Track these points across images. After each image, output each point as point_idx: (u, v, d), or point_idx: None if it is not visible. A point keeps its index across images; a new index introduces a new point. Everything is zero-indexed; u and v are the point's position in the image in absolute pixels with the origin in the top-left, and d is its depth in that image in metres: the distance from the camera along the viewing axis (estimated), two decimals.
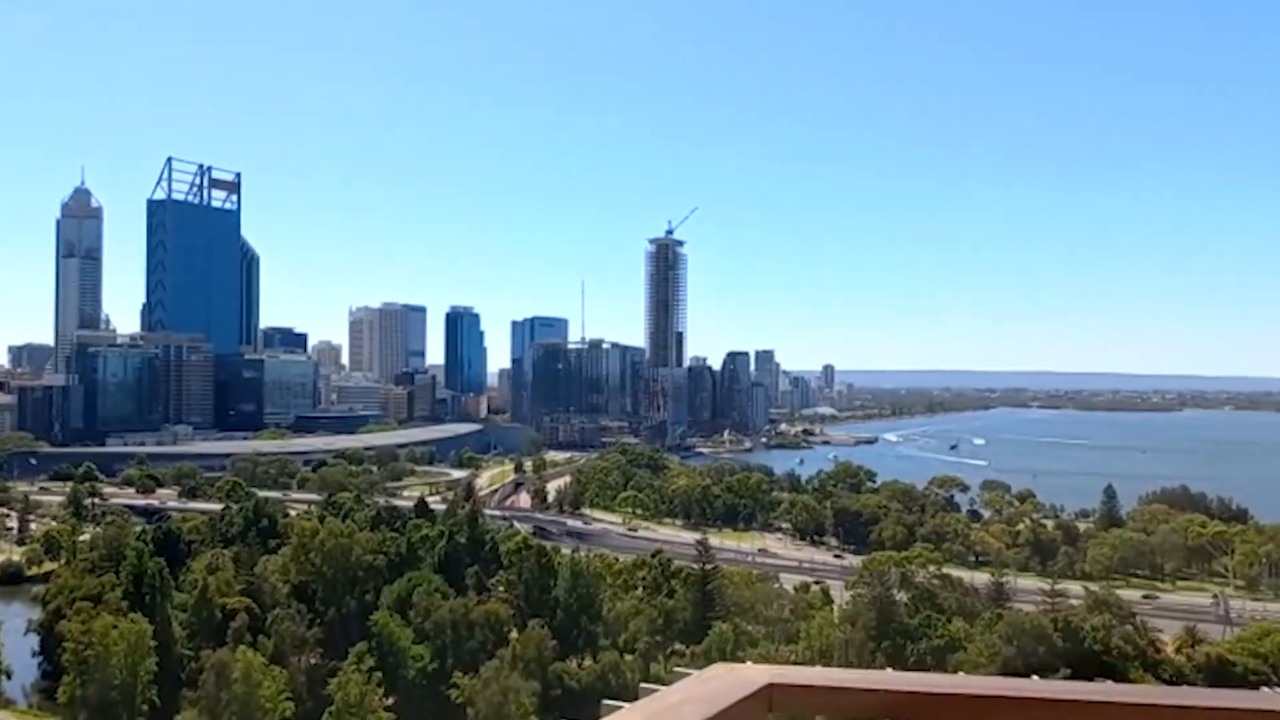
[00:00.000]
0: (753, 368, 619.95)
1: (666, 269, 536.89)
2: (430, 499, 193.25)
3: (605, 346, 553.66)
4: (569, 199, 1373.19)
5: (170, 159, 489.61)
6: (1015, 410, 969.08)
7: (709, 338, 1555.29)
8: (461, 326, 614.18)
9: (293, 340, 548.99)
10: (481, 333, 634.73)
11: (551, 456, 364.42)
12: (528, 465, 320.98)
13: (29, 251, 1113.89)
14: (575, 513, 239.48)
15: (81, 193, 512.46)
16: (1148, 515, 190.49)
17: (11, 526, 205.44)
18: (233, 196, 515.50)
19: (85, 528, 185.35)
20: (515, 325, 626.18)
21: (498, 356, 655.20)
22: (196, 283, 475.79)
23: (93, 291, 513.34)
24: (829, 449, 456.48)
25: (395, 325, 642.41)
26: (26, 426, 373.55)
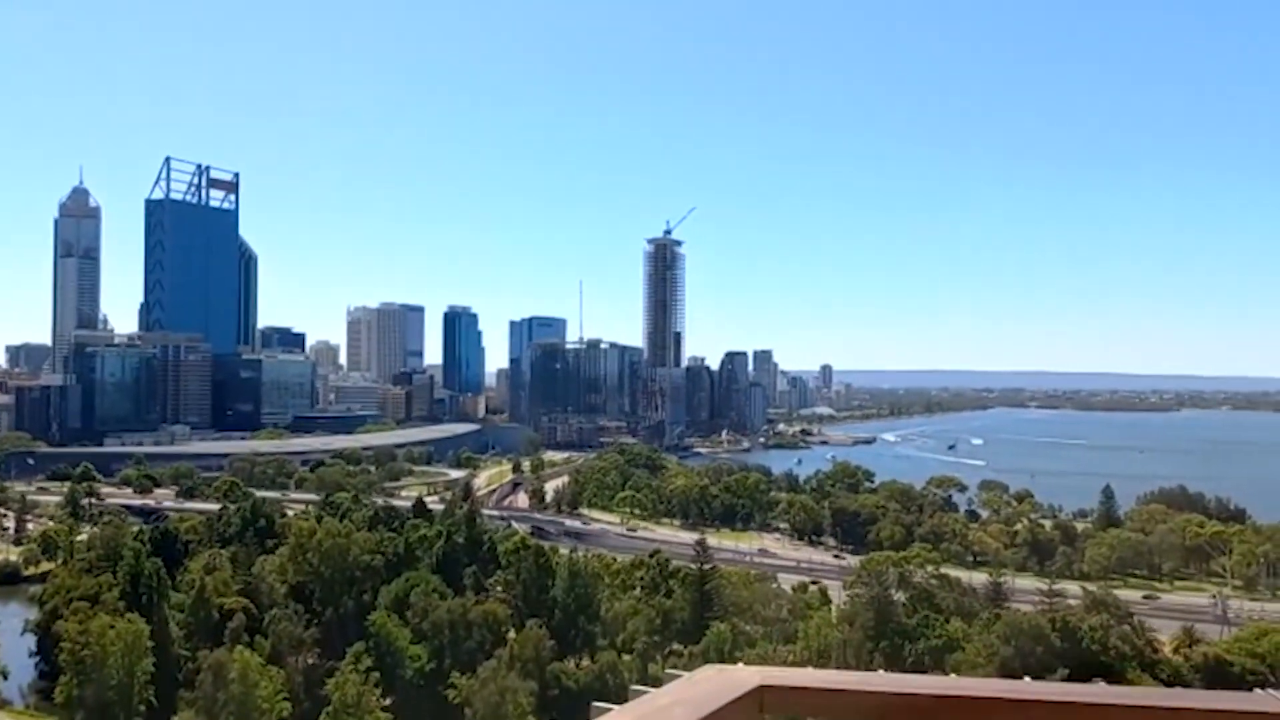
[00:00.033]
0: (751, 368, 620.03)
1: (664, 269, 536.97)
2: (428, 499, 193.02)
3: (603, 346, 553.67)
4: (567, 199, 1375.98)
5: (168, 159, 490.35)
6: (1013, 410, 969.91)
7: (707, 338, 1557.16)
8: (459, 326, 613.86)
9: (290, 340, 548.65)
10: (479, 333, 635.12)
11: (549, 456, 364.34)
12: (526, 465, 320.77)
13: (27, 251, 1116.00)
14: (573, 513, 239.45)
15: (79, 192, 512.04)
16: (1146, 515, 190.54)
17: (9, 526, 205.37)
18: (231, 196, 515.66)
19: (82, 528, 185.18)
20: (513, 325, 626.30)
21: (496, 356, 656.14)
22: (194, 283, 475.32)
23: (90, 291, 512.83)
24: (827, 449, 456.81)
25: (393, 325, 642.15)
26: (24, 426, 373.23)
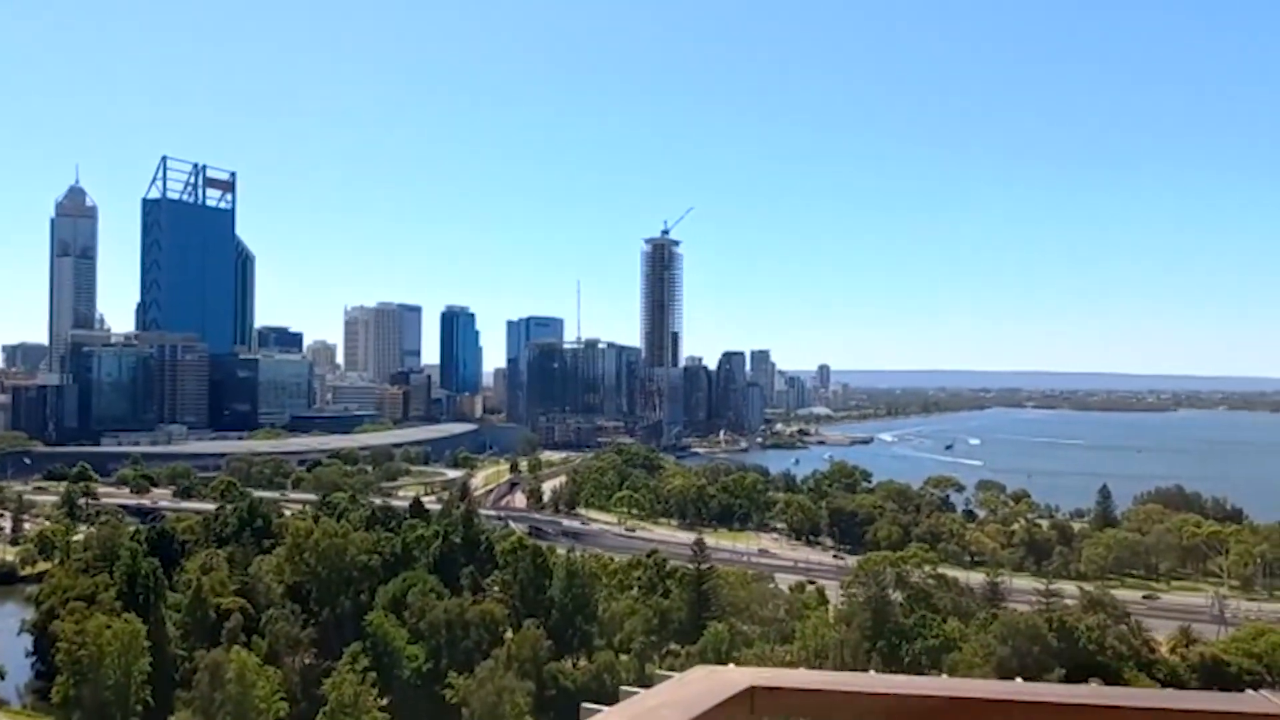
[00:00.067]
0: (748, 368, 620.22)
1: (662, 269, 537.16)
2: (425, 499, 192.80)
3: (601, 346, 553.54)
4: (565, 199, 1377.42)
5: (165, 158, 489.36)
6: (1010, 410, 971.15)
7: (705, 338, 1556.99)
8: (457, 326, 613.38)
9: (288, 340, 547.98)
10: (477, 332, 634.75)
11: (547, 456, 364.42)
12: (523, 465, 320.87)
13: (23, 251, 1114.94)
14: (571, 513, 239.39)
15: (76, 192, 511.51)
16: (1142, 515, 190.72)
17: (5, 526, 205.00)
18: (228, 196, 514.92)
19: (79, 528, 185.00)
20: (511, 325, 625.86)
21: (493, 356, 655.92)
22: (191, 282, 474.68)
23: (87, 291, 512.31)
24: (824, 449, 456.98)
25: (390, 325, 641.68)
26: (20, 426, 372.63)
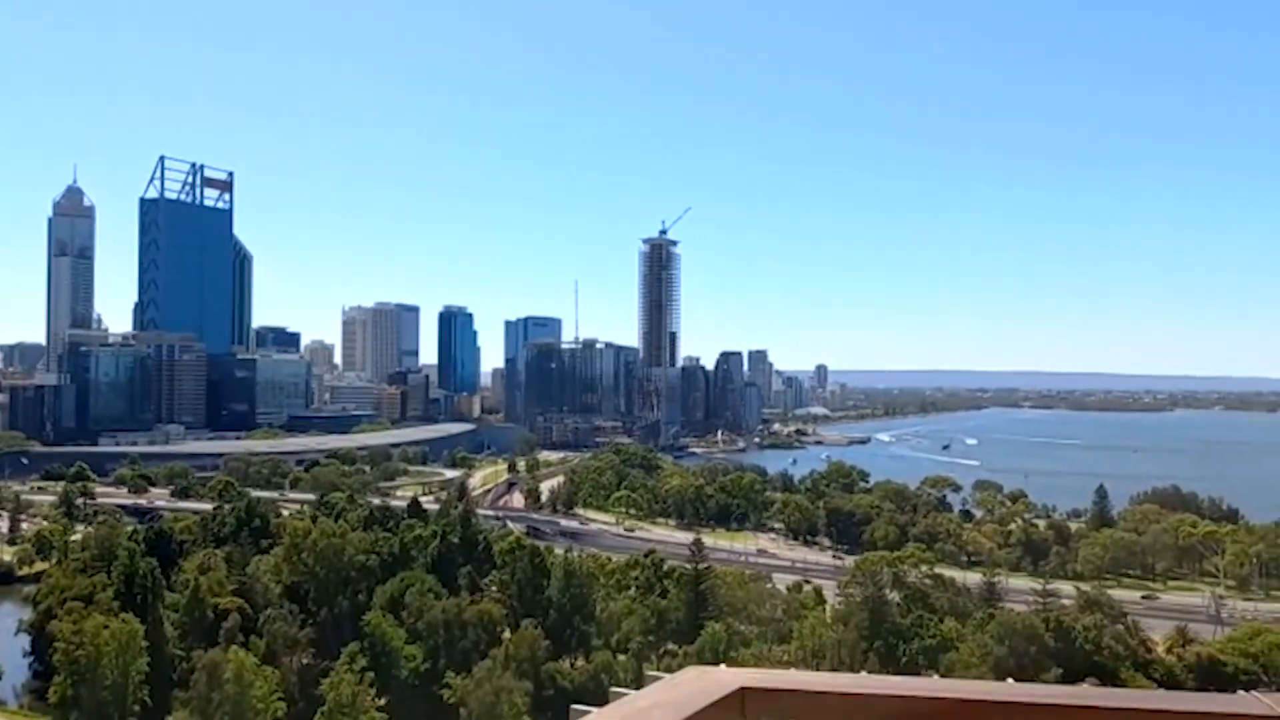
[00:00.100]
0: (746, 368, 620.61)
1: (660, 269, 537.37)
2: (423, 499, 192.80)
3: (599, 346, 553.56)
4: (563, 199, 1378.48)
5: (163, 158, 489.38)
6: (1008, 410, 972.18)
7: (703, 338, 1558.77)
8: (455, 326, 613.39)
9: (285, 340, 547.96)
10: (475, 332, 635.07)
11: (545, 456, 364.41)
12: (521, 465, 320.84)
13: (21, 250, 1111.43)
14: (568, 513, 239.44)
15: (74, 191, 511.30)
16: (1139, 515, 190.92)
17: (3, 526, 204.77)
18: (225, 195, 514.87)
19: (77, 527, 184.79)
20: (509, 325, 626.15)
21: (491, 356, 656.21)
22: (189, 282, 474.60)
23: (85, 290, 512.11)
24: (822, 449, 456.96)
25: (388, 325, 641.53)
26: (18, 426, 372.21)
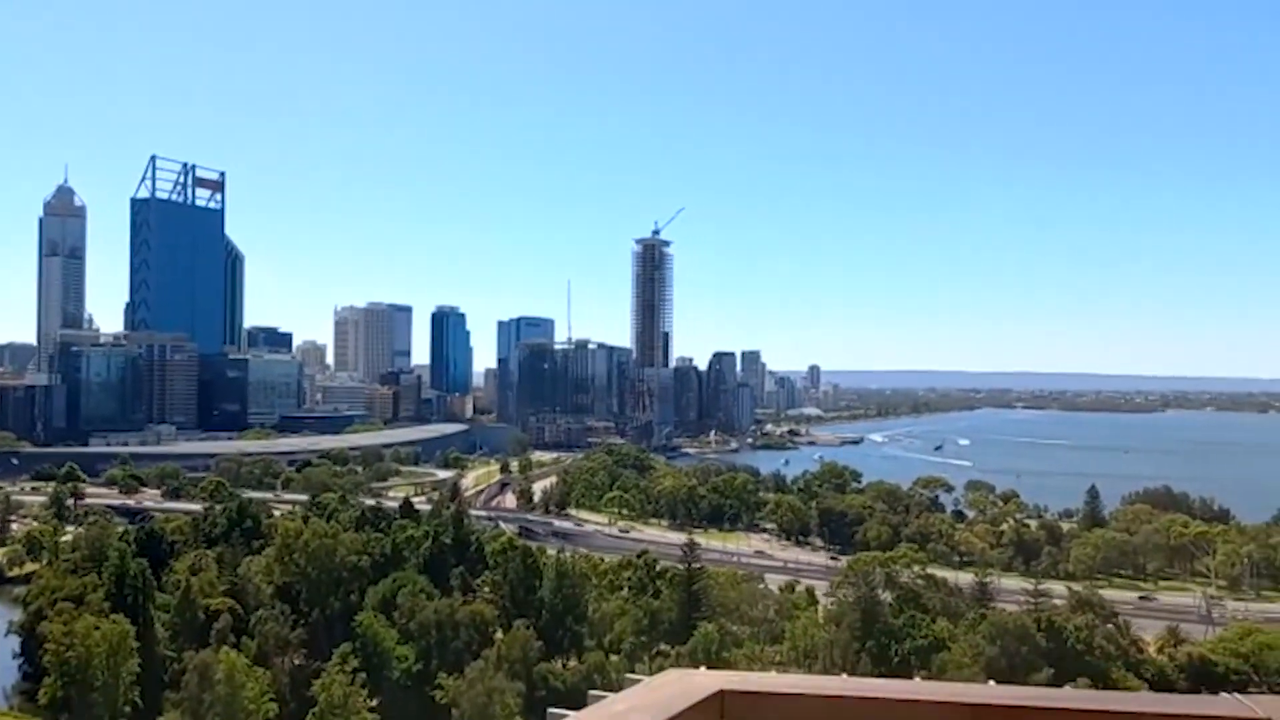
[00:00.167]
0: (739, 368, 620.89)
1: (653, 269, 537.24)
2: (415, 499, 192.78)
3: (591, 347, 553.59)
4: (555, 199, 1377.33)
5: (154, 157, 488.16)
6: (1000, 411, 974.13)
7: (696, 338, 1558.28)
8: (447, 326, 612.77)
9: (277, 340, 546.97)
10: (467, 333, 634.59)
11: (537, 457, 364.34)
12: (513, 465, 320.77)
13: (11, 250, 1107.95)
14: (561, 513, 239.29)
15: (65, 191, 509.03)
16: (1130, 515, 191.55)
17: None
18: (217, 196, 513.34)
19: (67, 528, 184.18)
20: (501, 325, 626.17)
21: (484, 356, 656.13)
22: (180, 282, 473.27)
23: (76, 290, 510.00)
24: (814, 449, 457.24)
25: (380, 325, 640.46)
26: (8, 426, 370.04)
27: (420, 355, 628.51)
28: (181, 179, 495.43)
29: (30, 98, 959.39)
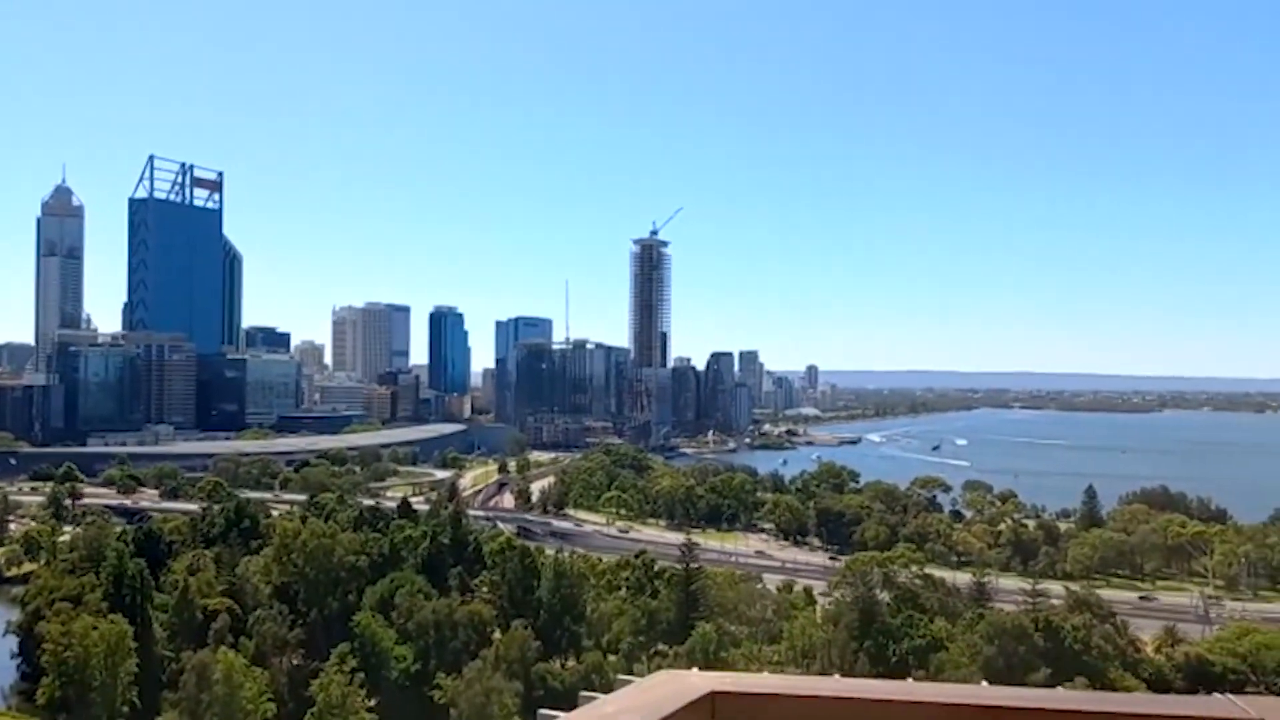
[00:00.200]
0: (737, 368, 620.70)
1: (651, 269, 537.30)
2: (414, 499, 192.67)
3: (589, 347, 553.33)
4: (553, 199, 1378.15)
5: (152, 157, 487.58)
6: (997, 411, 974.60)
7: (694, 338, 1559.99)
8: (445, 326, 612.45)
9: (275, 340, 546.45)
10: (465, 333, 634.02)
11: (535, 457, 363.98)
12: (511, 465, 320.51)
13: (9, 250, 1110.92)
14: (559, 513, 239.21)
15: (63, 191, 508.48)
16: (1128, 515, 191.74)
17: None
18: (215, 195, 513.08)
19: (65, 528, 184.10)
20: (499, 325, 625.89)
21: (482, 356, 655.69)
22: (178, 282, 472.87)
23: (74, 290, 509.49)
24: (812, 449, 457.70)
25: (379, 325, 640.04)
26: (6, 426, 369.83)
27: (418, 355, 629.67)
28: (179, 179, 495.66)
29: (28, 97, 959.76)
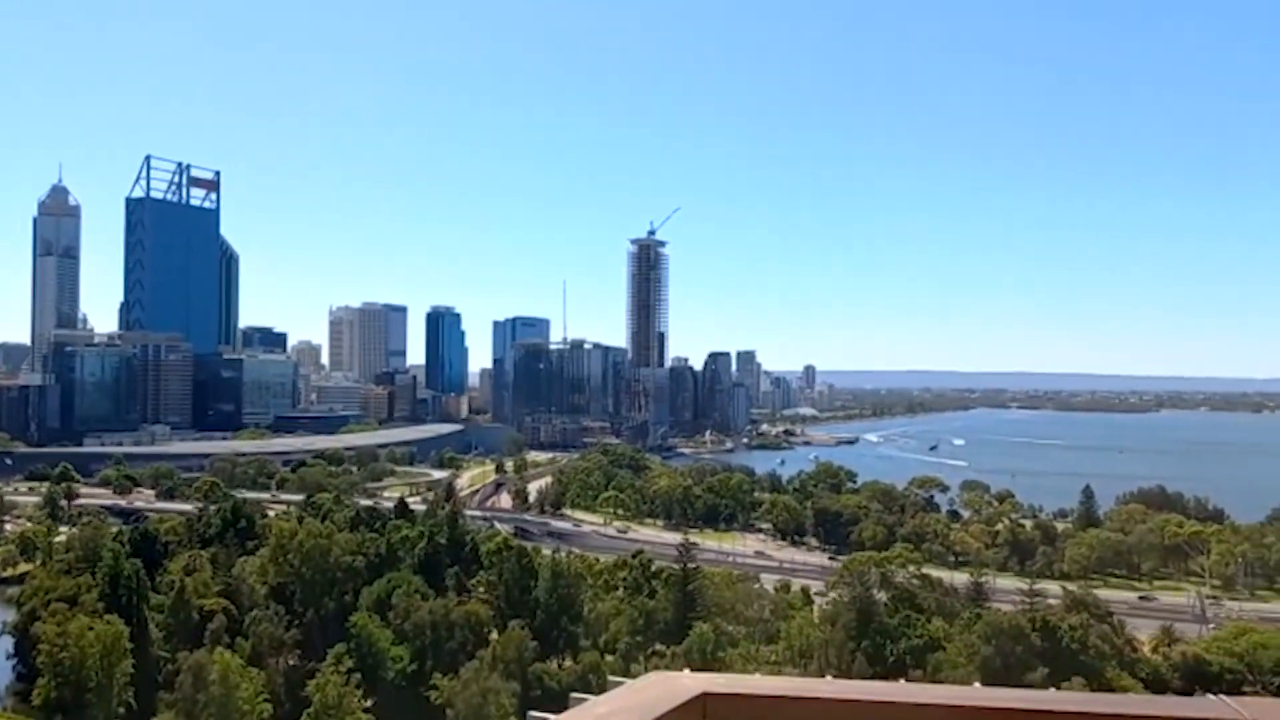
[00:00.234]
0: (734, 368, 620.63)
1: (648, 269, 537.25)
2: (410, 499, 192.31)
3: (587, 347, 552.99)
4: (551, 199, 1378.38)
5: (149, 157, 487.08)
6: (995, 411, 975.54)
7: (691, 338, 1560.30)
8: (442, 326, 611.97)
9: (272, 340, 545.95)
10: (463, 332, 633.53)
11: (533, 457, 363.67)
12: (509, 465, 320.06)
13: (6, 250, 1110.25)
14: (556, 513, 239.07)
15: (59, 190, 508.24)
16: (1125, 515, 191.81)
17: None
18: (212, 195, 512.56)
19: (61, 528, 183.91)
20: (497, 325, 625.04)
21: (479, 356, 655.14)
22: (175, 282, 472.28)
23: (70, 290, 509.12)
24: (810, 449, 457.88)
25: (376, 325, 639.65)
26: (2, 426, 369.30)
27: (415, 355, 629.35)
28: (176, 179, 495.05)
29: (25, 97, 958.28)
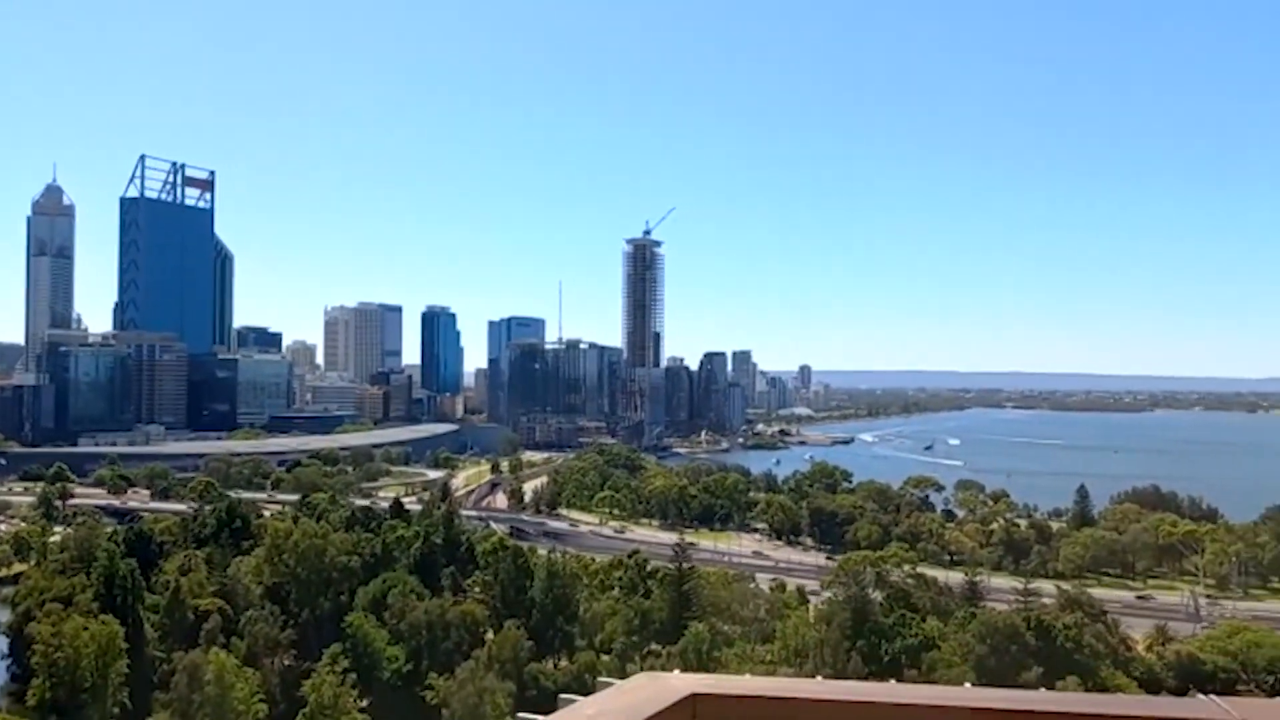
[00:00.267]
0: (730, 368, 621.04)
1: (644, 269, 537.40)
2: (406, 499, 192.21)
3: (582, 347, 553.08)
4: (546, 199, 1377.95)
5: (143, 156, 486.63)
6: (990, 410, 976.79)
7: (687, 338, 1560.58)
8: (438, 326, 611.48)
9: (267, 340, 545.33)
10: (458, 333, 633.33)
11: (528, 457, 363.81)
12: (504, 465, 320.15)
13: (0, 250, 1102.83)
14: (552, 513, 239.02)
15: (53, 190, 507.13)
16: (1119, 514, 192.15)
17: None
18: (206, 195, 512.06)
19: (56, 529, 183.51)
20: (492, 325, 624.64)
21: (474, 356, 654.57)
22: (169, 282, 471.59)
23: (64, 290, 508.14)
24: (805, 449, 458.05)
25: (371, 325, 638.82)
26: None
27: (411, 355, 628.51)
28: (171, 178, 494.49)
29: (19, 96, 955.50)
